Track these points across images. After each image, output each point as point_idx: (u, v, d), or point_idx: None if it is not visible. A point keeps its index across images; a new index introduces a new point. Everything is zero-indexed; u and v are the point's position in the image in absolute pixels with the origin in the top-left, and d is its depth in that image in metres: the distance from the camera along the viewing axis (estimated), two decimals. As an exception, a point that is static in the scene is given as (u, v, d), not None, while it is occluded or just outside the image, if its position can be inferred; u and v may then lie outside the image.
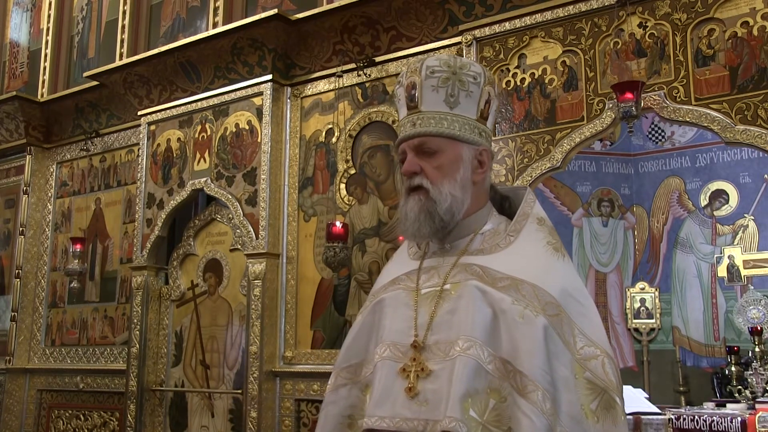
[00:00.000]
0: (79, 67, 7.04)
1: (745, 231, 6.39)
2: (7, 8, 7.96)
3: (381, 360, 1.63)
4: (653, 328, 6.55)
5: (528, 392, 1.47)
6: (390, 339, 1.64)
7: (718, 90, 3.83)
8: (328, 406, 1.73)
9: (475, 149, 1.69)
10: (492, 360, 1.52)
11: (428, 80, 1.68)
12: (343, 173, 5.15)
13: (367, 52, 5.08)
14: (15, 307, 6.81)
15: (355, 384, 1.71)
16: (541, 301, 1.55)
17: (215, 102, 5.68)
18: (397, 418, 1.55)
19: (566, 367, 1.52)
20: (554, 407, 1.47)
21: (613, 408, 1.52)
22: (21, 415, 6.72)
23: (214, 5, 6.05)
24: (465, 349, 1.52)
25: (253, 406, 5.01)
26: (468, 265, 1.65)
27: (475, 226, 1.72)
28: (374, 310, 1.74)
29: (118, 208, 6.51)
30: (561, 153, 4.22)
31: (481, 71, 1.72)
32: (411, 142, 1.68)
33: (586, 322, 1.58)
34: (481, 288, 1.59)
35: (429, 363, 1.57)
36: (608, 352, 1.56)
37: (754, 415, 4.39)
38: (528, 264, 1.63)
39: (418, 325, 1.62)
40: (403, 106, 1.73)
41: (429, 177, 1.65)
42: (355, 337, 1.75)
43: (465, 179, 1.67)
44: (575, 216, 6.76)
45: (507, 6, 4.50)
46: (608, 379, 1.53)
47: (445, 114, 1.67)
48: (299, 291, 5.18)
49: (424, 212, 1.64)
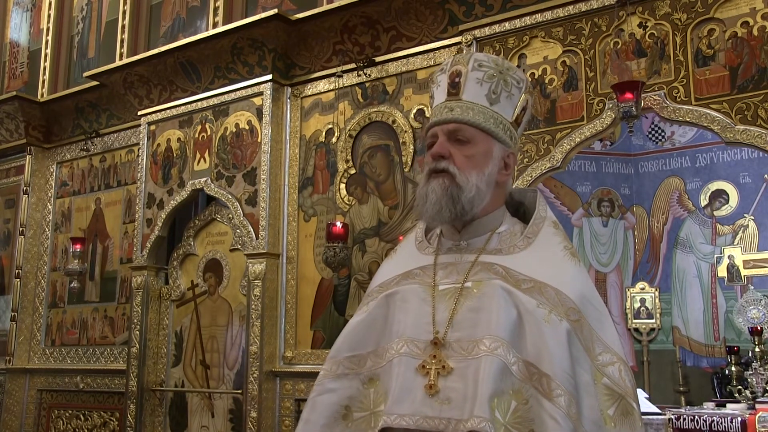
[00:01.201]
0: (79, 67, 7.04)
1: (745, 231, 6.39)
2: (7, 8, 7.97)
3: (398, 356, 1.60)
4: (653, 328, 6.55)
5: (554, 396, 1.46)
6: (407, 335, 1.62)
7: (718, 90, 3.84)
8: (327, 393, 1.68)
9: (504, 150, 1.70)
10: (516, 362, 1.52)
11: (474, 72, 1.68)
12: (343, 173, 5.14)
13: (367, 52, 5.08)
14: (15, 307, 6.81)
15: (356, 375, 1.67)
16: (564, 306, 1.56)
17: (215, 102, 5.68)
18: (418, 416, 1.52)
19: (587, 372, 1.52)
20: (578, 412, 1.48)
21: (631, 414, 1.53)
22: (21, 415, 6.72)
23: (214, 5, 6.05)
24: (492, 349, 1.51)
25: (253, 406, 5.01)
26: (490, 264, 1.65)
27: (491, 226, 1.71)
28: (386, 303, 1.70)
29: (118, 208, 6.51)
30: (561, 153, 4.22)
31: (525, 79, 1.73)
32: (446, 127, 1.67)
33: (602, 329, 1.59)
34: (506, 288, 1.58)
35: (450, 360, 1.55)
36: (624, 359, 1.58)
37: (754, 415, 4.39)
38: (548, 268, 1.63)
39: (437, 322, 1.60)
40: (442, 92, 1.72)
41: (457, 164, 1.64)
42: (362, 327, 1.71)
43: (491, 176, 1.67)
44: (575, 216, 6.76)
45: (507, 6, 4.50)
46: (625, 386, 1.54)
47: (484, 108, 1.67)
48: (299, 291, 5.18)
49: (447, 196, 1.63)
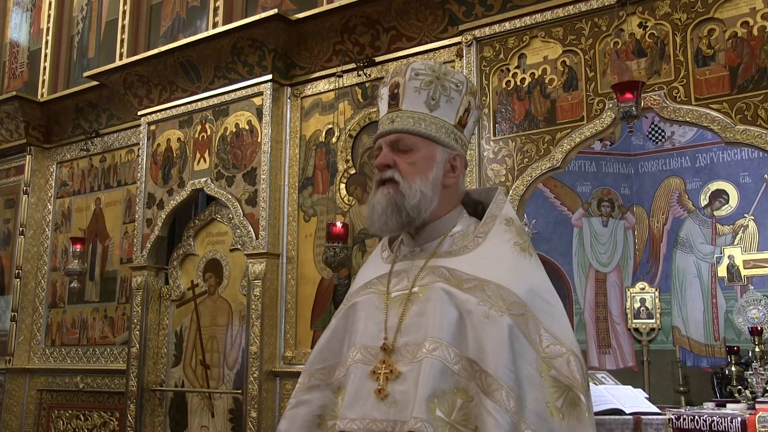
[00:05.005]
0: (79, 67, 7.04)
1: (745, 231, 6.39)
2: (7, 8, 7.96)
3: (353, 363, 1.66)
4: (653, 328, 6.55)
5: (492, 391, 1.49)
6: (362, 342, 1.68)
7: (718, 90, 3.83)
8: (301, 405, 1.76)
9: (449, 153, 1.72)
10: (458, 360, 1.55)
11: (412, 81, 1.72)
12: (343, 173, 5.14)
13: (367, 52, 5.08)
14: (15, 307, 6.81)
15: (327, 386, 1.75)
16: (506, 301, 1.57)
17: (215, 102, 5.68)
18: (367, 419, 1.58)
19: (531, 365, 1.54)
20: (519, 405, 1.49)
21: (578, 405, 1.53)
22: (21, 415, 6.72)
23: (214, 5, 6.05)
24: (431, 350, 1.55)
25: (253, 406, 5.01)
26: (436, 268, 1.68)
27: (444, 229, 1.74)
28: (347, 314, 1.77)
29: (118, 208, 6.51)
30: (561, 153, 4.22)
31: (464, 81, 1.76)
32: (387, 138, 1.72)
33: (552, 321, 1.60)
34: (447, 290, 1.61)
35: (398, 365, 1.60)
36: (574, 350, 1.58)
37: (754, 415, 4.39)
38: (495, 265, 1.65)
39: (388, 328, 1.65)
40: (384, 104, 1.77)
41: (401, 171, 1.68)
42: (329, 339, 1.79)
43: (436, 180, 1.70)
44: (575, 216, 6.76)
45: (507, 6, 4.50)
46: (573, 377, 1.54)
47: (424, 115, 1.70)
48: (299, 291, 5.18)
49: (391, 205, 1.67)
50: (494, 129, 4.50)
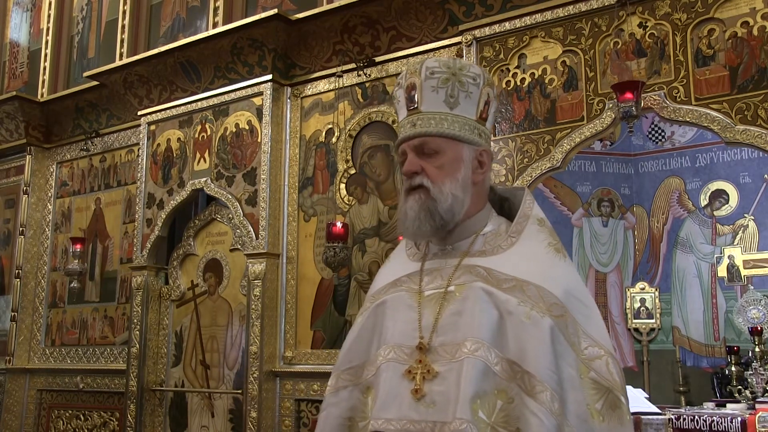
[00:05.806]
0: (79, 67, 7.04)
1: (745, 231, 6.39)
2: (7, 8, 7.97)
3: (385, 362, 1.63)
4: (653, 328, 6.55)
5: (536, 392, 1.48)
6: (394, 341, 1.64)
7: (718, 90, 3.83)
8: (329, 407, 1.73)
9: (475, 149, 1.70)
10: (499, 361, 1.53)
11: (428, 81, 1.68)
12: (343, 173, 5.14)
13: (367, 52, 5.08)
14: (15, 307, 6.81)
15: (356, 386, 1.71)
16: (546, 302, 1.56)
17: (215, 102, 5.68)
18: (404, 420, 1.55)
19: (572, 367, 1.53)
20: (561, 407, 1.48)
21: (619, 408, 1.53)
22: (21, 415, 6.72)
23: (214, 5, 6.05)
24: (473, 350, 1.53)
25: (253, 406, 5.01)
26: (472, 267, 1.65)
27: (476, 228, 1.72)
28: (375, 312, 1.73)
29: (118, 208, 6.51)
30: (561, 153, 4.22)
31: (480, 72, 1.72)
32: (411, 143, 1.68)
33: (589, 323, 1.59)
34: (486, 290, 1.59)
35: (435, 365, 1.57)
36: (611, 353, 1.58)
37: (754, 415, 4.40)
38: (531, 265, 1.64)
39: (423, 327, 1.62)
40: (402, 108, 1.73)
41: (430, 176, 1.65)
42: (356, 338, 1.75)
43: (466, 179, 1.67)
44: (575, 216, 6.76)
45: (507, 6, 4.50)
46: (613, 379, 1.54)
47: (445, 114, 1.67)
48: (299, 291, 5.18)
49: (424, 210, 1.64)
50: (494, 129, 4.50)
